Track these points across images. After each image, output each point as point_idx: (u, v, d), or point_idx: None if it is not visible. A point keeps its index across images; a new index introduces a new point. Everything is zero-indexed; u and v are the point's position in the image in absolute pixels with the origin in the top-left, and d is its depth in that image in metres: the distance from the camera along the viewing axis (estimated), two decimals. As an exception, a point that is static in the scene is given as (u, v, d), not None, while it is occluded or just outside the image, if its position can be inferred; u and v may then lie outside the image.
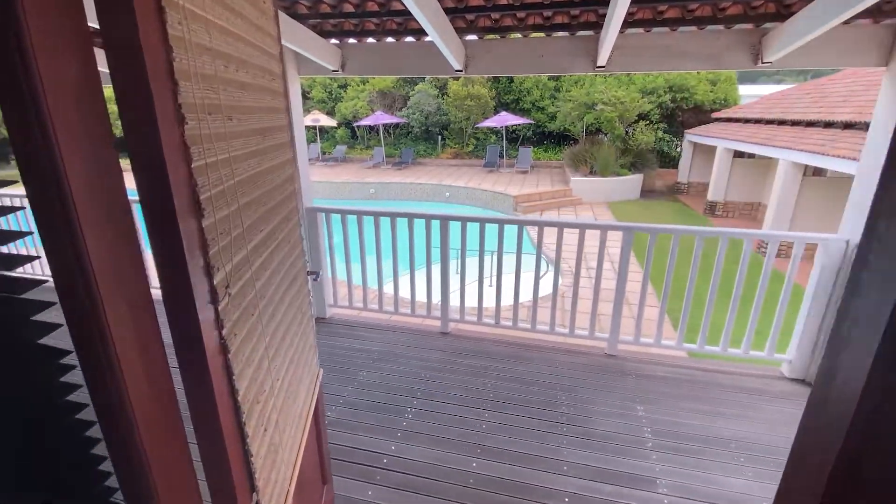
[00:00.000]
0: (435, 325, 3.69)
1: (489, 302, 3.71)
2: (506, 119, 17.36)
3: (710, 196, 13.66)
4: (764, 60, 2.56)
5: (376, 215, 3.49)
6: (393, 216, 3.45)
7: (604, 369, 3.14)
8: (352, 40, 3.13)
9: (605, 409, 2.72)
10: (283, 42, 2.80)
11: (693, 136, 15.61)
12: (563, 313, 5.76)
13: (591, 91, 16.89)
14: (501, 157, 18.86)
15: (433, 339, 3.53)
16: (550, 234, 10.77)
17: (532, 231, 10.91)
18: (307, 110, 22.32)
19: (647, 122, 16.45)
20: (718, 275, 3.02)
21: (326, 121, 20.27)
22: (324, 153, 21.26)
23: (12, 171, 0.65)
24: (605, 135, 16.92)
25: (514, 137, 20.45)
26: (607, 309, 3.43)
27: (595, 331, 3.35)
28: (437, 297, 3.57)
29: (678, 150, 17.94)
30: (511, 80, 20.27)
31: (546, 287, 7.23)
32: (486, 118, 18.64)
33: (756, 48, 2.60)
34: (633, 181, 15.08)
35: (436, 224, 3.40)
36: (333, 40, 3.12)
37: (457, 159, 19.93)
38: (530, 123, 19.25)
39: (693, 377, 3.06)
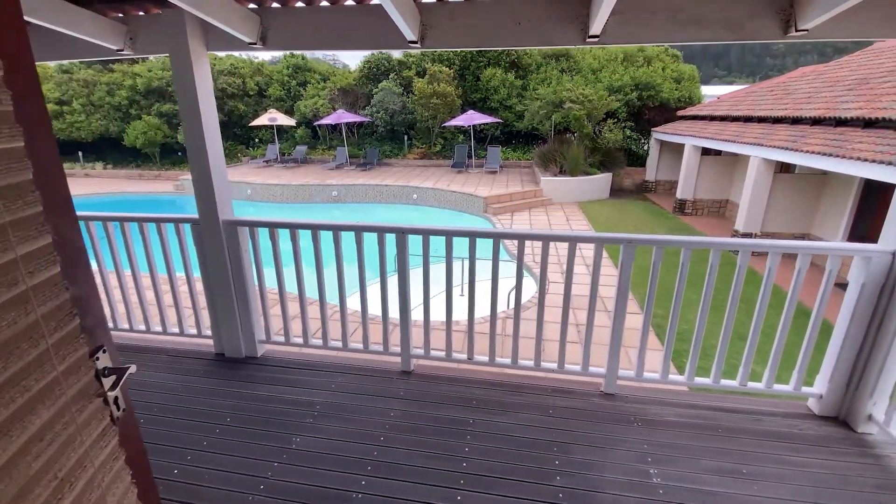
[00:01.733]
0: (394, 362, 3.01)
1: (460, 336, 3.05)
2: (473, 118, 16.82)
3: (679, 194, 13.55)
4: (798, 28, 2.03)
5: (314, 228, 2.77)
6: (336, 229, 2.74)
7: (603, 415, 2.55)
8: (275, 4, 2.41)
9: (610, 477, 2.12)
10: (179, 3, 2.08)
11: (660, 134, 15.53)
12: (551, 343, 5.23)
13: (559, 89, 16.58)
14: (470, 157, 18.33)
15: (392, 382, 2.85)
16: (530, 243, 10.26)
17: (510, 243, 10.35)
18: (264, 109, 21.14)
19: (615, 120, 16.29)
20: (737, 297, 2.47)
21: (284, 120, 19.17)
22: (283, 154, 20.13)
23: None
24: (574, 134, 16.64)
25: (482, 137, 19.97)
26: (603, 338, 2.84)
27: (589, 365, 2.75)
28: (396, 329, 2.88)
29: (645, 148, 17.90)
30: (478, 78, 19.79)
31: (529, 310, 6.65)
32: (453, 117, 18.05)
33: (787, 13, 2.06)
34: (603, 180, 14.84)
35: (391, 238, 2.72)
36: (251, 4, 2.39)
37: (424, 160, 19.24)
38: (498, 122, 18.80)
39: (710, 421, 2.50)
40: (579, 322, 6.12)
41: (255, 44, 2.46)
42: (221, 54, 23.34)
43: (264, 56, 24.99)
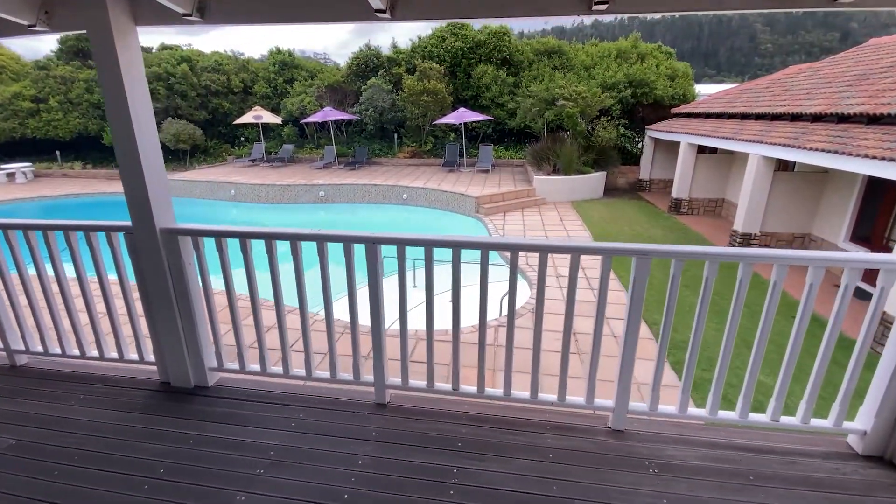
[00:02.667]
0: (367, 393, 2.59)
1: (443, 356, 2.63)
2: (464, 115, 16.41)
3: (674, 193, 13.24)
4: (852, -7, 1.64)
5: (269, 238, 2.34)
6: (294, 238, 2.32)
7: (612, 459, 2.15)
8: (213, -33, 1.98)
9: (626, 545, 1.72)
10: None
11: (654, 131, 15.24)
12: (549, 370, 4.76)
13: (551, 86, 16.21)
14: (462, 155, 17.92)
15: (364, 418, 2.43)
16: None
17: (496, 233, 9.91)
18: (249, 106, 20.56)
19: (609, 118, 15.96)
20: (770, 318, 2.08)
21: (270, 118, 18.63)
22: (269, 153, 19.58)
23: None
24: (567, 132, 16.30)
25: (473, 135, 19.57)
26: (610, 365, 2.45)
27: (594, 397, 2.35)
28: (368, 354, 2.46)
29: (639, 146, 17.61)
30: (469, 75, 19.39)
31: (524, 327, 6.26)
32: (444, 115, 17.62)
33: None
34: (597, 179, 14.51)
35: (360, 249, 2.30)
36: (184, -33, 1.96)
37: (415, 158, 18.80)
38: (490, 120, 18.41)
39: (737, 465, 2.11)
40: (582, 350, 5.74)
41: (191, 15, 2.02)
42: (207, 50, 22.71)
43: (250, 52, 24.35)
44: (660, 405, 2.31)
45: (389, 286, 2.35)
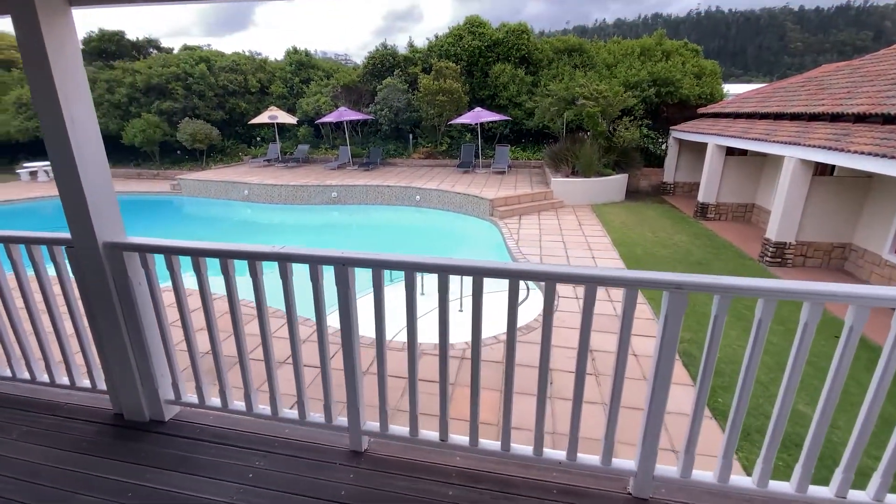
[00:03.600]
0: (340, 439, 2.21)
1: (430, 402, 2.23)
2: (481, 115, 15.98)
3: (700, 197, 12.56)
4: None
5: (224, 256, 1.99)
6: (252, 258, 1.95)
7: (633, 540, 1.72)
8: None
9: None
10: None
11: (679, 132, 14.54)
12: (557, 419, 4.18)
13: (571, 85, 15.65)
14: (477, 156, 17.50)
15: (334, 469, 2.05)
16: (531, 244, 9.39)
17: (511, 238, 9.49)
18: (266, 106, 20.53)
19: (631, 118, 15.31)
20: (843, 371, 1.61)
21: (285, 118, 18.53)
22: (284, 153, 19.50)
23: None
24: (587, 132, 15.72)
25: (490, 136, 19.12)
26: (633, 419, 2.02)
27: (613, 456, 1.92)
28: (341, 392, 2.07)
29: (663, 147, 16.90)
30: (486, 74, 18.96)
31: (528, 355, 5.84)
32: (460, 115, 17.22)
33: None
34: (618, 182, 13.91)
35: (329, 271, 1.92)
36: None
37: (430, 159, 18.46)
38: (507, 120, 17.94)
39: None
40: (602, 397, 5.25)
41: (123, -10, 1.67)
42: (227, 50, 22.81)
43: (267, 52, 24.40)
44: (694, 470, 1.86)
45: (389, 298, 1.95)
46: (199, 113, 20.09)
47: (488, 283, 1.83)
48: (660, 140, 17.29)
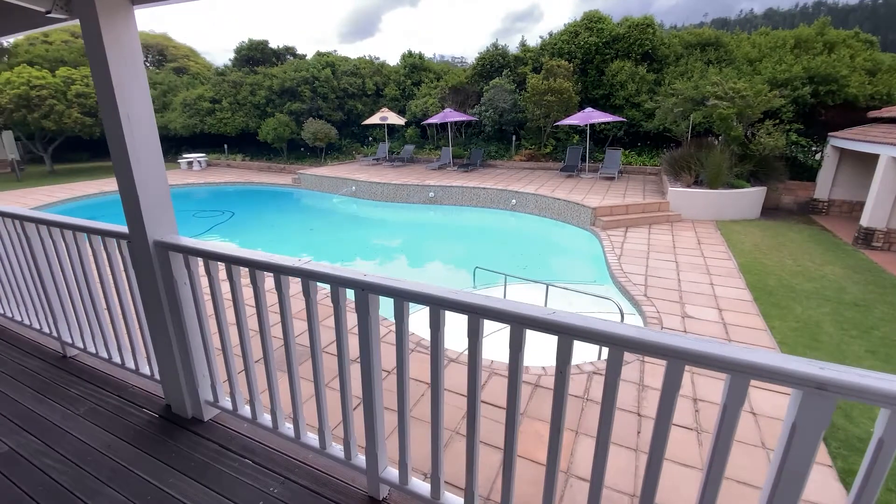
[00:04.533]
0: (359, 478, 1.94)
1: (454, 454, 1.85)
2: (591, 116, 14.90)
3: (865, 220, 10.14)
4: None
5: (252, 266, 1.84)
6: (279, 272, 1.77)
7: None
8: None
9: None
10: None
11: (841, 139, 11.96)
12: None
13: (702, 83, 13.81)
14: (584, 160, 16.39)
15: (345, 518, 1.79)
16: (635, 262, 8.38)
17: (612, 252, 8.53)
18: (380, 108, 21.60)
19: (777, 121, 13.00)
20: None
21: (395, 119, 19.27)
22: (391, 153, 20.33)
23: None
24: (717, 137, 13.77)
25: (601, 138, 17.83)
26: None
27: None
28: (361, 426, 1.80)
29: (817, 157, 14.15)
30: (602, 72, 17.68)
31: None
32: (569, 115, 16.27)
33: None
34: (753, 196, 11.89)
35: (349, 294, 1.66)
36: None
37: (531, 162, 17.79)
38: (621, 122, 16.53)
39: None
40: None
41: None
42: (352, 55, 24.54)
43: (389, 56, 25.68)
44: None
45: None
46: (321, 114, 21.87)
47: (570, 300, 1.41)
48: (812, 148, 14.50)
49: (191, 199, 17.22)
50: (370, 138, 23.13)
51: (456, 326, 1.59)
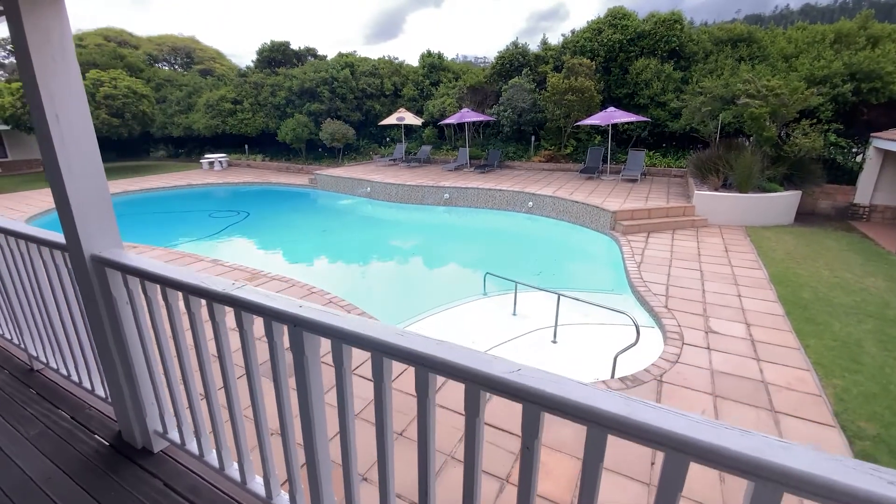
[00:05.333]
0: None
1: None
2: (613, 116, 14.35)
3: (913, 227, 9.37)
4: None
5: (186, 290, 1.57)
6: (211, 298, 1.50)
7: None
8: None
9: None
10: None
11: (886, 140, 11.11)
12: None
13: (733, 81, 13.10)
14: (605, 161, 15.83)
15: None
16: (655, 270, 7.90)
17: (631, 259, 8.03)
18: (397, 108, 21.45)
19: (814, 120, 12.20)
20: None
21: (411, 119, 19.08)
22: (408, 153, 20.14)
23: None
24: (749, 137, 13.04)
25: (624, 138, 17.22)
26: None
27: None
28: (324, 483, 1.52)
29: (858, 159, 13.25)
30: (626, 70, 17.06)
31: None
32: (590, 115, 15.73)
33: None
34: (786, 200, 11.17)
35: (279, 332, 1.38)
36: None
37: (551, 163, 17.32)
38: (645, 122, 15.90)
39: None
40: None
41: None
42: (374, 56, 24.47)
43: (407, 57, 25.55)
44: None
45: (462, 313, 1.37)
46: (340, 114, 21.86)
47: (585, 310, 1.09)
48: (853, 150, 13.59)
49: (209, 198, 17.40)
50: (388, 139, 23.01)
51: (455, 329, 1.30)
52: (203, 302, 1.56)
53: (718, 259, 8.37)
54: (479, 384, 1.00)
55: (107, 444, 2.21)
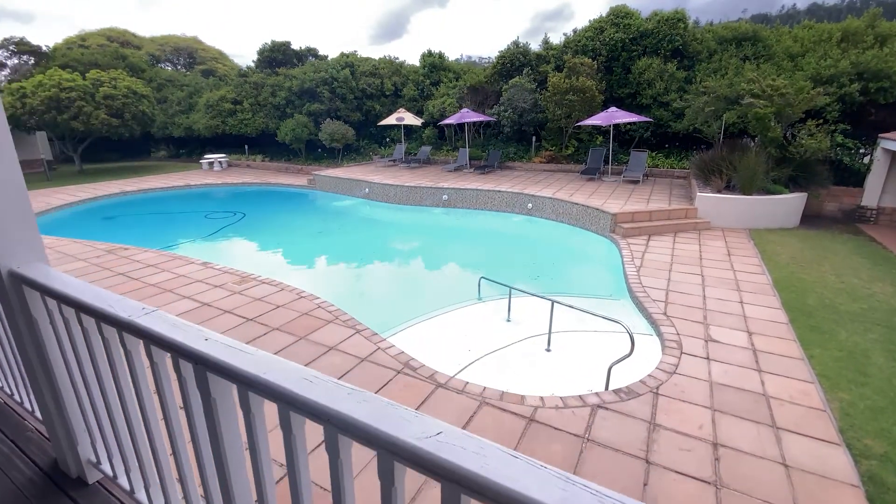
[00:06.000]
0: None
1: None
2: (614, 116, 14.11)
3: (923, 231, 9.09)
4: None
5: (98, 317, 1.38)
6: (122, 328, 1.31)
7: None
8: None
9: None
10: None
11: (894, 142, 10.82)
12: None
13: (737, 81, 12.83)
14: (607, 162, 15.58)
15: None
16: (655, 274, 7.67)
17: (631, 263, 7.75)
18: (398, 108, 21.29)
19: (820, 121, 11.92)
20: None
21: (411, 119, 18.90)
22: (408, 154, 19.96)
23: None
24: (753, 138, 12.77)
25: (626, 139, 16.97)
26: None
27: None
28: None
29: (865, 161, 12.95)
30: (628, 69, 16.81)
31: (620, 435, 4.48)
32: (591, 115, 15.50)
33: None
34: (791, 202, 10.90)
35: (187, 369, 1.18)
36: None
37: (552, 164, 17.09)
38: (647, 122, 15.65)
39: None
40: None
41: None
42: (376, 56, 24.31)
43: (408, 56, 25.39)
44: None
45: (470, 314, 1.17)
46: (340, 115, 21.71)
47: (580, 317, 0.90)
48: (860, 151, 13.29)
49: (207, 199, 17.29)
50: (388, 139, 22.85)
51: (448, 335, 1.10)
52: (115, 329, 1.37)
53: (720, 263, 8.13)
54: (389, 452, 0.80)
55: (41, 472, 2.03)
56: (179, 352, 1.12)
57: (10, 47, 26.49)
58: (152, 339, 1.18)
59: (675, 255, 8.65)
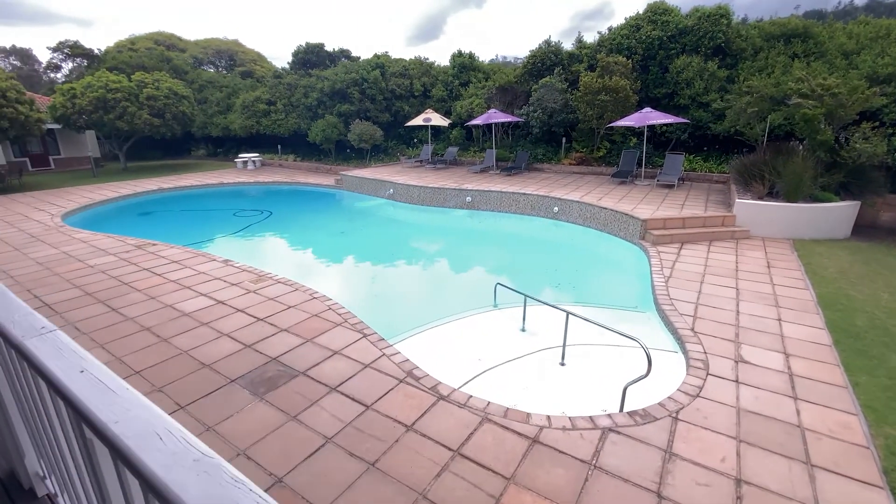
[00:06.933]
0: None
1: None
2: (648, 117, 13.49)
3: None
4: None
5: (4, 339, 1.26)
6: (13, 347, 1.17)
7: None
8: None
9: None
10: None
11: (966, 145, 9.81)
12: None
13: (784, 80, 11.99)
14: (640, 165, 14.94)
15: None
16: (685, 286, 7.18)
17: (659, 272, 7.23)
18: (426, 109, 21.22)
19: (877, 123, 10.96)
20: None
21: (438, 120, 18.76)
22: (435, 155, 19.85)
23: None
24: (801, 141, 11.91)
25: (662, 141, 16.25)
26: None
27: None
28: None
29: (929, 166, 11.82)
30: (665, 69, 16.12)
31: (628, 464, 4.13)
32: (625, 116, 14.90)
33: None
34: (842, 211, 10.06)
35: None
36: None
37: (582, 166, 16.57)
38: (684, 123, 14.91)
39: None
40: None
41: None
42: (408, 57, 24.39)
43: (443, 57, 25.31)
44: None
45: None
46: (369, 115, 21.85)
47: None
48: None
49: (238, 197, 17.74)
50: (415, 140, 22.83)
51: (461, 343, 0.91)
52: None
53: (759, 276, 7.54)
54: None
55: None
56: (52, 385, 0.97)
57: (65, 50, 28.13)
58: (31, 365, 1.05)
59: (708, 266, 8.10)
